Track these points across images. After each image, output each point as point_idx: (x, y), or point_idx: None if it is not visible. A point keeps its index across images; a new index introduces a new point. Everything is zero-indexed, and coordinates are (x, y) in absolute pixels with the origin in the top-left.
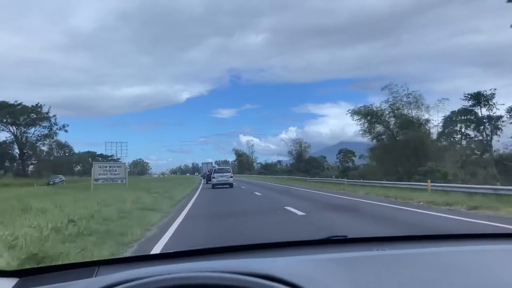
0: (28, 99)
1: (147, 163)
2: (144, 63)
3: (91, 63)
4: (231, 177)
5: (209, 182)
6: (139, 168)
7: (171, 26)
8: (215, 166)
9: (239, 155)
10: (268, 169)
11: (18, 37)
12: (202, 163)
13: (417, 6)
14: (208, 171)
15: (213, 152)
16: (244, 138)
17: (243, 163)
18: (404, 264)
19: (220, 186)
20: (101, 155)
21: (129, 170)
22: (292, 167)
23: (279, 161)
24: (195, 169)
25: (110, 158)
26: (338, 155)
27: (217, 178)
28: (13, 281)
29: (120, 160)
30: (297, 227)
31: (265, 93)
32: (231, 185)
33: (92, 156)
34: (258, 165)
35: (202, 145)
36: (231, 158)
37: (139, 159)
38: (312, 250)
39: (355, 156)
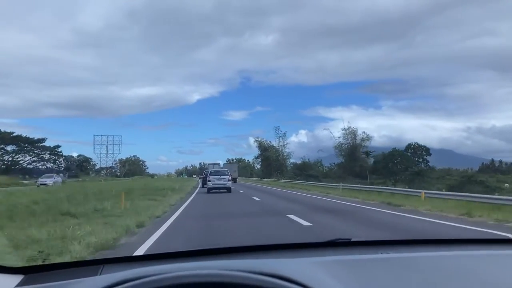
0: (38, 98)
1: (143, 162)
2: (153, 63)
3: (100, 62)
4: (229, 180)
5: (204, 186)
6: (129, 168)
7: (179, 25)
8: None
9: (265, 149)
10: (306, 170)
11: (27, 35)
12: (208, 164)
13: (431, 7)
14: (204, 174)
15: (223, 154)
16: (253, 141)
17: (271, 161)
18: (408, 268)
19: (217, 190)
20: (18, 137)
21: (117, 172)
22: (341, 167)
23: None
24: (203, 170)
25: (38, 144)
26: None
27: (213, 181)
28: (18, 277)
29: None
30: None
31: (276, 95)
32: (229, 189)
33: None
34: (291, 164)
35: (212, 147)
36: (250, 155)
37: (133, 156)
38: (318, 252)
39: (429, 154)
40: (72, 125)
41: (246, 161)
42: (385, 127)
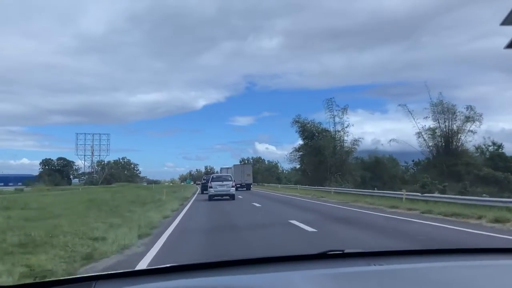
0: (45, 105)
1: (136, 165)
2: (157, 69)
3: (104, 68)
4: (233, 186)
5: (204, 192)
6: (111, 172)
7: (182, 28)
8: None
9: (311, 135)
10: (377, 170)
11: (31, 42)
12: (221, 168)
13: (439, 6)
14: (204, 179)
15: (230, 160)
16: (260, 146)
17: (325, 156)
18: (401, 280)
19: (219, 197)
20: None
21: (95, 177)
22: (430, 167)
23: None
24: (209, 174)
25: None
26: None
27: (215, 187)
28: None
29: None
30: None
31: (281, 100)
32: (232, 196)
33: None
34: (356, 160)
35: (218, 152)
36: (284, 148)
37: (123, 158)
38: (309, 265)
39: None
40: (79, 132)
41: (266, 161)
42: (392, 131)
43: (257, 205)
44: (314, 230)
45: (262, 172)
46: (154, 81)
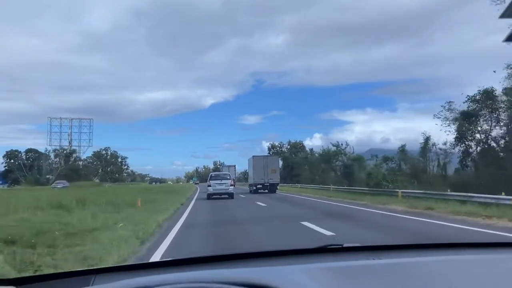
0: (53, 104)
1: (124, 159)
2: (164, 67)
3: (111, 66)
4: (232, 185)
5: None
6: (75, 166)
7: (187, 25)
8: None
9: None
10: None
11: (37, 40)
12: (223, 167)
13: (451, 0)
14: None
15: (238, 158)
16: (267, 145)
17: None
18: (400, 273)
19: (218, 196)
20: None
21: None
22: None
23: None
24: (217, 171)
25: None
26: None
27: (213, 186)
28: None
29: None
30: None
31: (289, 98)
32: (231, 195)
33: None
34: None
35: (227, 151)
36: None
37: (105, 148)
38: (308, 259)
39: None
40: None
41: (308, 150)
42: (401, 130)
43: None
44: None
45: (314, 164)
46: (161, 79)
